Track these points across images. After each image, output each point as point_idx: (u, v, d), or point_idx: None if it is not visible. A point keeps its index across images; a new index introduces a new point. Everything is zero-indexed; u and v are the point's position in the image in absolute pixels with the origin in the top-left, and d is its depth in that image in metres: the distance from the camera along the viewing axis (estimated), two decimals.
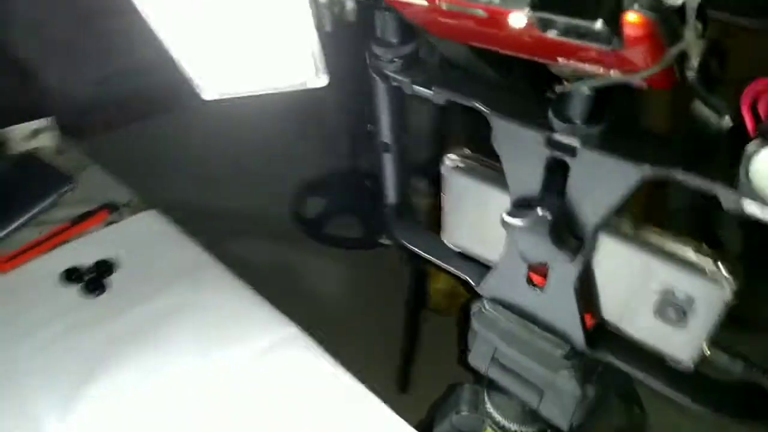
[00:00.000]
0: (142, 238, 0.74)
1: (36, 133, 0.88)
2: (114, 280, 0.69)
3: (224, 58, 0.34)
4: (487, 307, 0.43)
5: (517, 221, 0.32)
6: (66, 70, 1.37)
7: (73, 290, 0.67)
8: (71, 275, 0.68)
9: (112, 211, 0.77)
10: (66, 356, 0.60)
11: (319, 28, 0.31)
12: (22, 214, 0.74)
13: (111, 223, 0.76)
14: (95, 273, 0.68)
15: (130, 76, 1.44)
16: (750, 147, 0.23)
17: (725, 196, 0.25)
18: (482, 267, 0.42)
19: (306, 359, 0.61)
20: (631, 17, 0.21)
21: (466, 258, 0.44)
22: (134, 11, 0.30)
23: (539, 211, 0.31)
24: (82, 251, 0.71)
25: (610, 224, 0.33)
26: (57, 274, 0.68)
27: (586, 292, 0.38)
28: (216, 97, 0.37)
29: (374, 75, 0.37)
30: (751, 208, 0.25)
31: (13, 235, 0.73)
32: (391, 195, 0.46)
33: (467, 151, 0.38)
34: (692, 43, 0.22)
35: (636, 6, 0.21)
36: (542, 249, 0.33)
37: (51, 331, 0.62)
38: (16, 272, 0.69)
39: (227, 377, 0.59)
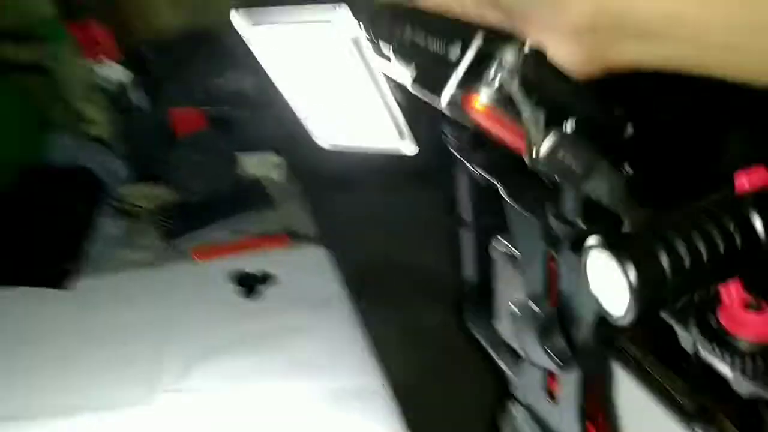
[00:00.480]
0: (303, 265, 0.86)
1: (270, 164, 1.07)
2: (269, 291, 0.81)
3: (334, 116, 0.42)
4: (514, 412, 0.43)
5: (513, 309, 0.34)
6: None
7: (237, 289, 0.81)
8: (240, 277, 0.82)
9: (292, 238, 0.91)
10: (201, 332, 0.73)
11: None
12: (223, 218, 0.91)
13: (288, 247, 0.90)
14: (257, 281, 0.82)
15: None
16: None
17: None
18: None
19: (370, 413, 0.64)
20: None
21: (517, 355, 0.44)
22: None
23: (531, 304, 0.33)
24: (256, 262, 0.85)
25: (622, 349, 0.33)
26: (229, 272, 0.83)
27: (603, 417, 0.37)
28: (328, 147, 0.45)
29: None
30: None
31: (212, 234, 0.90)
32: (468, 272, 0.48)
33: None
34: None
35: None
36: (536, 350, 0.34)
37: (203, 308, 0.77)
38: (204, 264, 0.86)
39: (291, 401, 0.66)
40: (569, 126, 0.26)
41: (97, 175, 0.92)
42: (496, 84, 0.25)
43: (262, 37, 0.38)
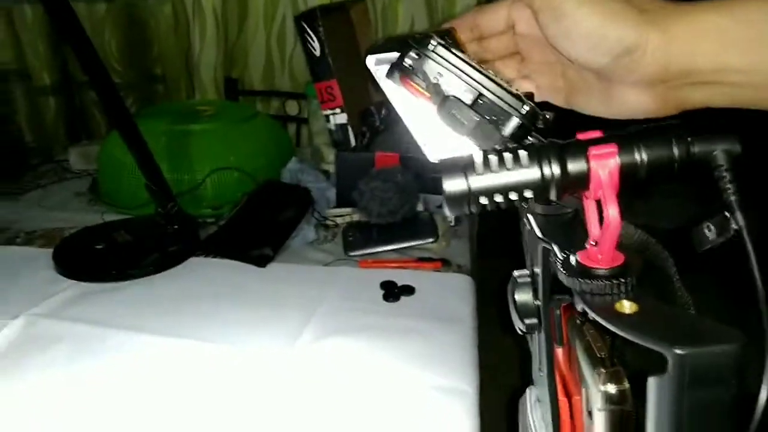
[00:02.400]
0: (444, 286, 0.98)
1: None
2: (407, 300, 0.95)
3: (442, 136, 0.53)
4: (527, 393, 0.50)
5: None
6: None
7: (381, 293, 0.97)
8: (387, 284, 0.98)
9: (444, 264, 1.04)
10: (342, 317, 0.90)
11: None
12: (394, 242, 1.08)
13: (438, 270, 1.03)
14: (399, 290, 0.96)
15: None
16: None
17: None
18: None
19: (455, 409, 0.73)
20: None
21: None
22: None
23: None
24: (406, 276, 1.00)
25: None
26: (380, 280, 0.99)
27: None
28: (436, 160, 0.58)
29: None
30: None
31: (382, 252, 1.08)
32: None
33: None
34: None
35: None
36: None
37: (350, 301, 0.94)
38: (365, 271, 1.03)
39: (392, 384, 0.77)
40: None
41: (312, 195, 1.18)
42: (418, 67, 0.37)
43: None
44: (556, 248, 0.39)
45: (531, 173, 0.32)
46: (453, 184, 0.33)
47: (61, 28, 0.96)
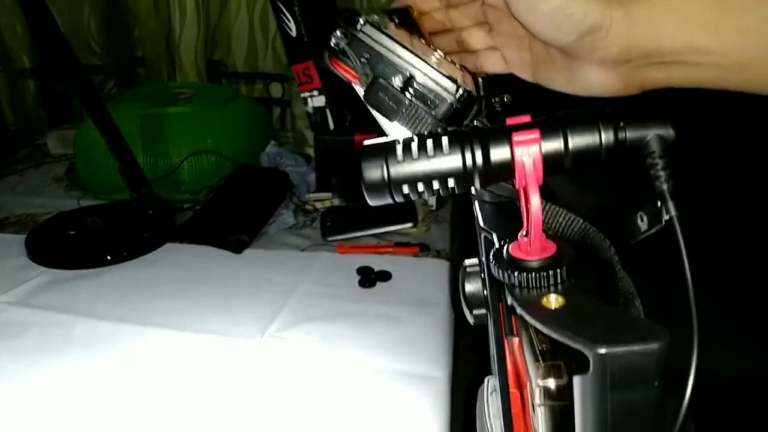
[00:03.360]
0: (421, 271, 0.97)
1: None
2: (383, 285, 0.94)
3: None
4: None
5: None
6: None
7: (357, 278, 0.95)
8: (364, 270, 0.96)
9: (422, 250, 1.02)
10: (315, 302, 0.89)
11: None
12: (372, 227, 1.06)
13: (416, 255, 1.02)
14: (375, 276, 0.95)
15: None
16: None
17: None
18: None
19: (426, 395, 0.71)
20: None
21: None
22: None
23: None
24: (382, 262, 0.99)
25: None
26: (357, 266, 0.97)
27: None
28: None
29: None
30: None
31: (360, 237, 1.06)
32: None
33: None
34: None
35: None
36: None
37: (325, 286, 0.93)
38: (342, 256, 1.02)
39: (365, 370, 0.77)
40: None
41: (291, 179, 1.16)
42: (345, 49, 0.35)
43: None
44: (494, 238, 0.37)
45: (452, 161, 0.30)
46: (372, 172, 0.31)
47: (26, 9, 0.93)
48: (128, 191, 1.08)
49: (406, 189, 0.31)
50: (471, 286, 0.43)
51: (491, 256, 0.33)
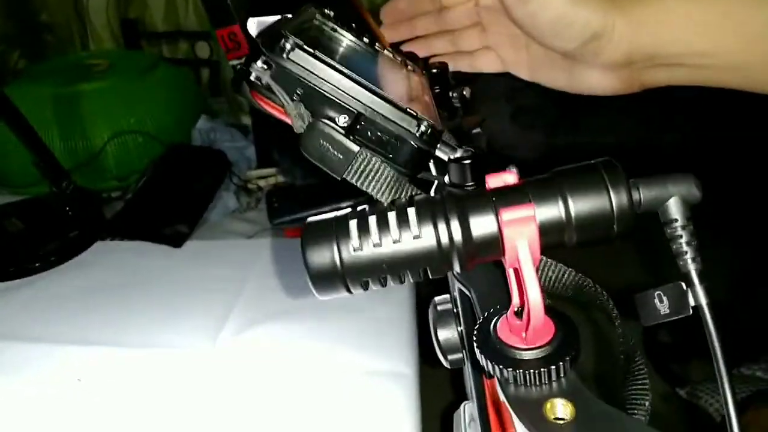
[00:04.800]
0: None
1: None
2: None
3: None
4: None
5: None
6: None
7: None
8: None
9: None
10: (269, 297, 0.83)
11: None
12: (321, 205, 0.99)
13: None
14: None
15: None
16: None
17: None
18: None
19: (396, 395, 0.67)
20: None
21: None
22: None
23: None
24: None
25: None
26: None
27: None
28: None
29: None
30: None
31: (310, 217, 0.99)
32: None
33: None
34: None
35: None
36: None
37: (277, 278, 0.87)
38: (292, 240, 0.95)
39: (329, 370, 0.71)
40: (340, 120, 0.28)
41: (228, 157, 1.07)
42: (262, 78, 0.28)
43: None
44: (474, 299, 0.31)
45: (424, 241, 0.23)
46: (319, 259, 0.24)
47: None
48: (47, 183, 0.97)
49: (365, 278, 0.24)
50: (445, 333, 0.37)
51: (474, 336, 0.27)
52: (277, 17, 0.36)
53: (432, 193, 0.32)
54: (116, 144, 1.06)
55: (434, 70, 0.42)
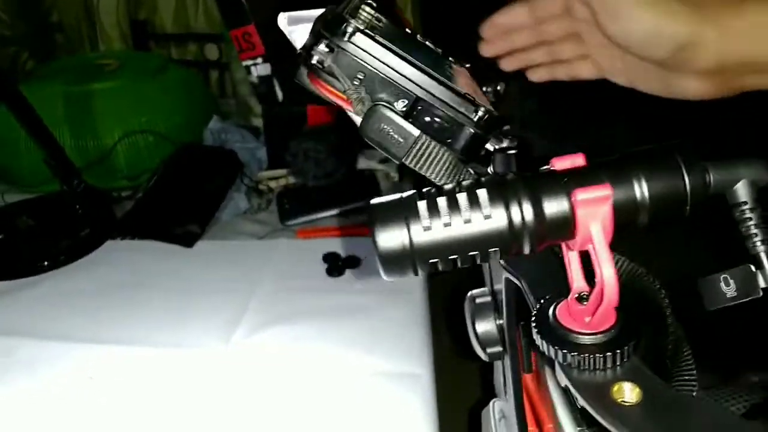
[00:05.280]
0: None
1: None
2: (353, 272, 0.87)
3: None
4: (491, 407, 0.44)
5: None
6: None
7: (323, 267, 0.88)
8: (330, 257, 0.90)
9: None
10: (282, 299, 0.82)
11: None
12: (333, 206, 0.99)
13: None
14: (343, 262, 0.88)
15: None
16: None
17: None
18: None
19: (410, 397, 0.67)
20: None
21: None
22: None
23: None
24: (349, 245, 0.92)
25: None
26: (323, 252, 0.90)
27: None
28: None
29: None
30: None
31: (321, 218, 0.99)
32: None
33: None
34: None
35: None
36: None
37: (291, 279, 0.86)
38: (305, 242, 0.95)
39: (342, 371, 0.71)
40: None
41: (240, 157, 1.07)
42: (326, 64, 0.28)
43: None
44: (525, 287, 0.31)
45: (495, 222, 0.23)
46: (389, 239, 0.24)
47: None
48: (57, 181, 0.96)
49: (433, 259, 0.24)
50: (483, 325, 0.37)
51: (534, 321, 0.27)
52: (310, 12, 0.36)
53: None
54: (127, 143, 1.06)
55: (467, 65, 0.42)
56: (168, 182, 1.02)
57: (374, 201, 0.25)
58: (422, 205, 0.24)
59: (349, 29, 0.27)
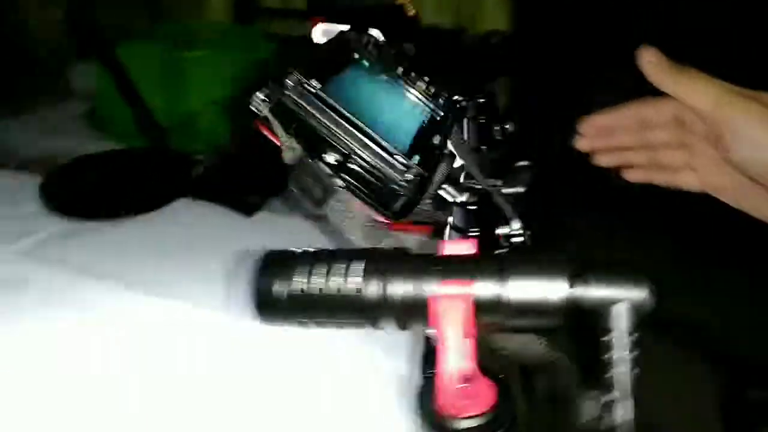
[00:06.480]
0: (427, 247, 0.91)
1: None
2: None
3: None
4: None
5: None
6: None
7: None
8: None
9: (435, 229, 0.97)
10: None
11: None
12: None
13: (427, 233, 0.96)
14: None
15: None
16: None
17: None
18: None
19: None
20: None
21: None
22: None
23: None
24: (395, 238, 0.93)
25: None
26: None
27: None
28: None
29: None
30: None
31: None
32: None
33: None
34: None
35: None
36: None
37: None
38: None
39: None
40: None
41: None
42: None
43: None
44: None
45: (365, 295, 0.24)
46: (268, 287, 0.26)
47: None
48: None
49: (302, 317, 0.25)
50: None
51: (416, 402, 0.27)
52: (343, 27, 0.37)
53: (446, 237, 0.33)
54: (211, 111, 1.12)
55: (481, 100, 0.41)
56: (243, 153, 1.08)
57: (270, 250, 0.26)
58: (303, 265, 0.25)
59: (290, 82, 0.28)
